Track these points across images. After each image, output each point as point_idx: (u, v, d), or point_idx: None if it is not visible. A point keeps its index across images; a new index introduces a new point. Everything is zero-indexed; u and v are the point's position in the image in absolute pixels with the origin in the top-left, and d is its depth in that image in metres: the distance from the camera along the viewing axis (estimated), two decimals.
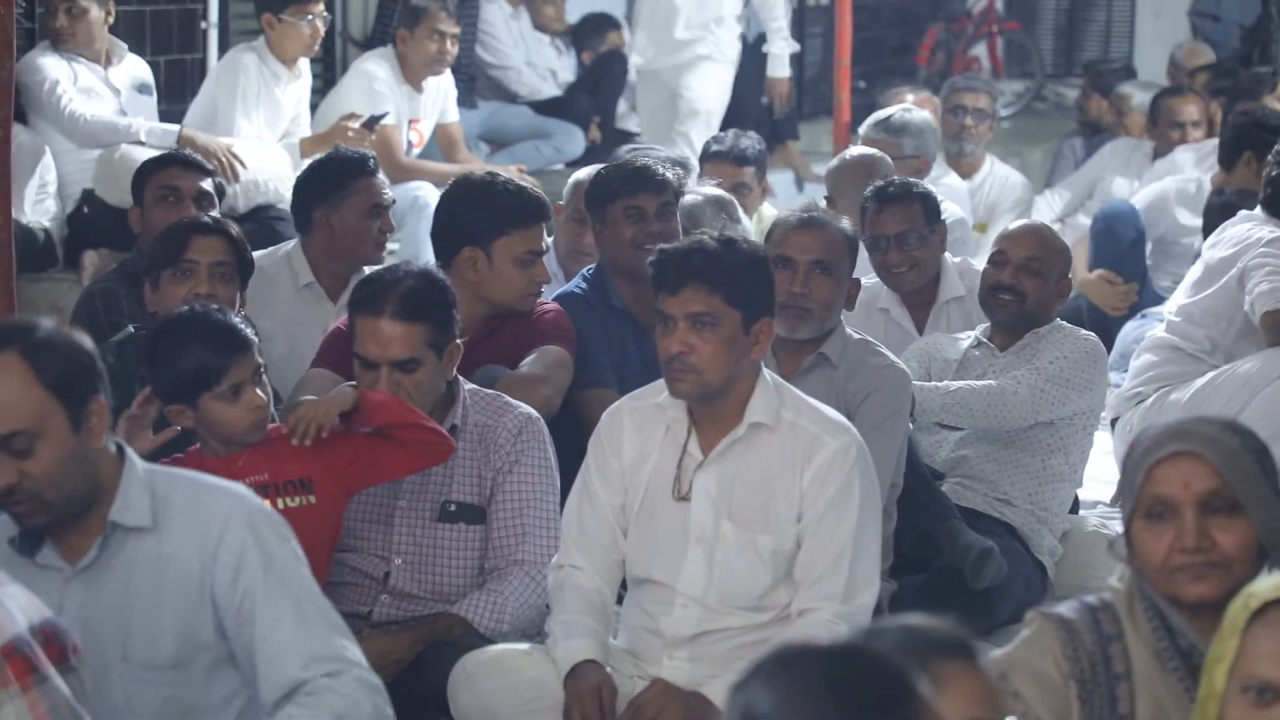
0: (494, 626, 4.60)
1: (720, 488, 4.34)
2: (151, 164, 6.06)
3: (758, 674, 2.20)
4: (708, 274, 4.25)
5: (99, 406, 3.37)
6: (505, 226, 5.27)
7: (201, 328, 4.32)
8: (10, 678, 2.85)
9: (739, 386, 4.33)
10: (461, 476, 4.70)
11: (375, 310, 4.56)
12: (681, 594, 4.36)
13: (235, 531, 3.41)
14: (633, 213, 5.61)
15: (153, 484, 3.45)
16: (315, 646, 3.41)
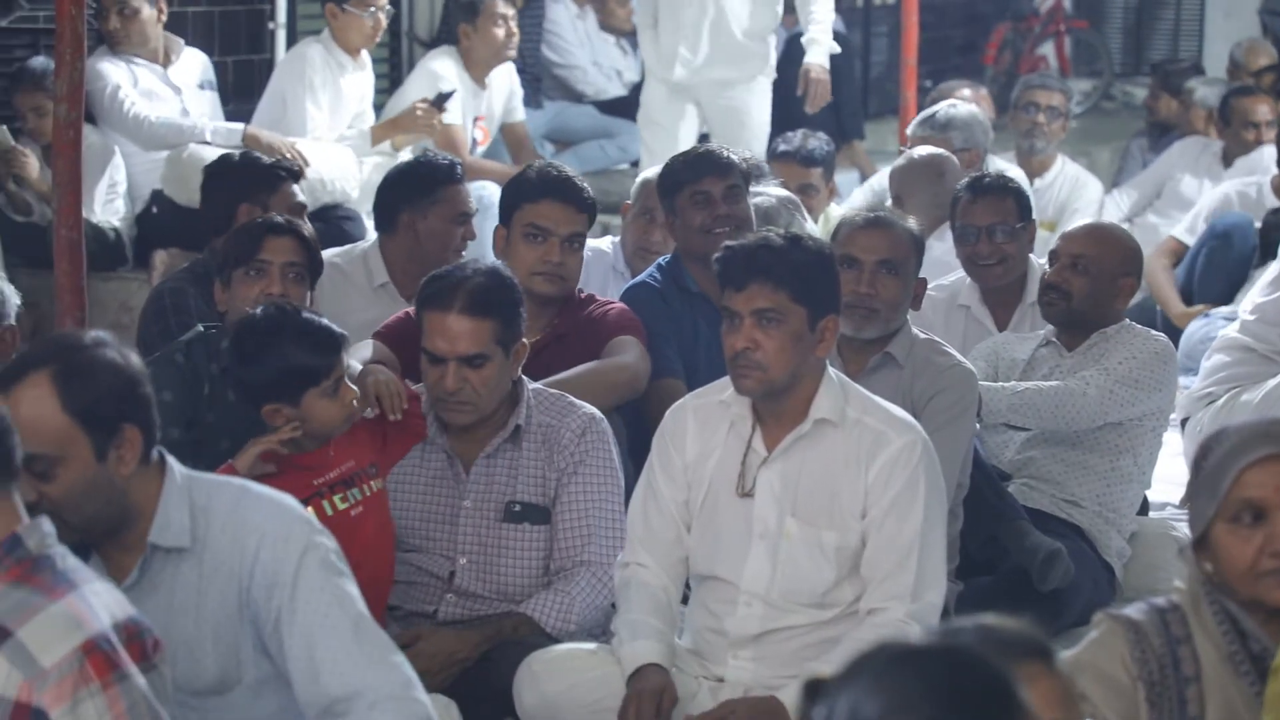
0: (561, 627, 4.60)
1: (784, 484, 4.34)
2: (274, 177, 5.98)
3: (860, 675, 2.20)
4: (773, 271, 4.25)
5: (131, 435, 3.29)
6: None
7: (301, 326, 4.33)
8: (91, 674, 2.86)
9: (804, 383, 4.33)
10: (526, 477, 4.71)
11: (444, 305, 4.58)
12: (745, 591, 4.35)
13: (270, 546, 3.33)
14: (699, 198, 5.64)
15: (193, 496, 3.38)
16: (354, 665, 3.32)
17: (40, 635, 2.83)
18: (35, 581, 2.90)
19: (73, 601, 2.90)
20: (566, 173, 5.48)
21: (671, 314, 5.62)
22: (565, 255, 5.33)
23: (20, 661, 2.81)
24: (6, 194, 7.37)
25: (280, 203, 5.75)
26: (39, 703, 2.81)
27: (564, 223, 5.33)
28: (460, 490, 4.71)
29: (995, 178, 6.20)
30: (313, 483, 4.31)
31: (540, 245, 5.32)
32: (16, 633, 2.82)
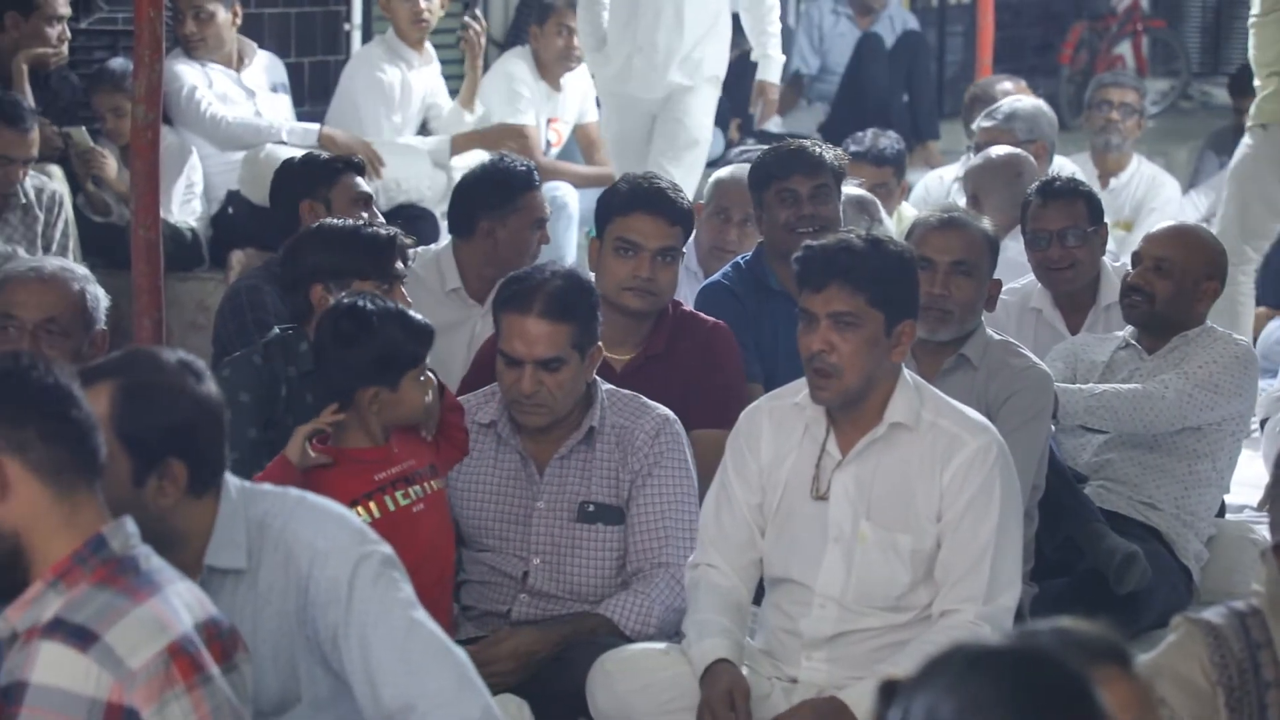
0: (640, 629, 4.60)
1: (859, 487, 4.32)
2: (335, 170, 6.00)
3: (936, 677, 2.19)
4: (853, 274, 4.23)
5: (176, 470, 3.21)
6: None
7: (398, 312, 4.34)
8: (176, 676, 2.87)
9: (879, 387, 4.31)
10: (599, 478, 4.71)
11: (522, 309, 4.58)
12: (819, 594, 4.34)
13: (322, 563, 3.30)
14: (786, 195, 5.62)
15: (249, 513, 3.33)
16: (406, 675, 3.30)
17: (127, 638, 2.85)
18: (120, 583, 2.91)
19: (157, 604, 2.91)
20: (659, 184, 5.34)
21: (747, 314, 5.60)
22: (656, 270, 5.21)
23: (109, 664, 2.83)
24: (85, 195, 7.43)
25: (341, 195, 5.78)
26: (130, 703, 2.83)
27: (655, 236, 5.22)
28: (534, 491, 4.71)
29: (1066, 181, 6.15)
30: (375, 477, 4.32)
31: (630, 259, 5.20)
32: (104, 636, 2.84)
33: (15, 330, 4.48)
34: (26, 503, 2.93)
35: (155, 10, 5.38)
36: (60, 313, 4.51)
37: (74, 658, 2.82)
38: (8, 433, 2.92)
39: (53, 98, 7.57)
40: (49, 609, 2.88)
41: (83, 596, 2.89)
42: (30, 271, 4.57)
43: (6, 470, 2.92)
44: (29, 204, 6.94)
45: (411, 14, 8.18)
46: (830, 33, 11.06)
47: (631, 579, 4.68)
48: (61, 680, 2.81)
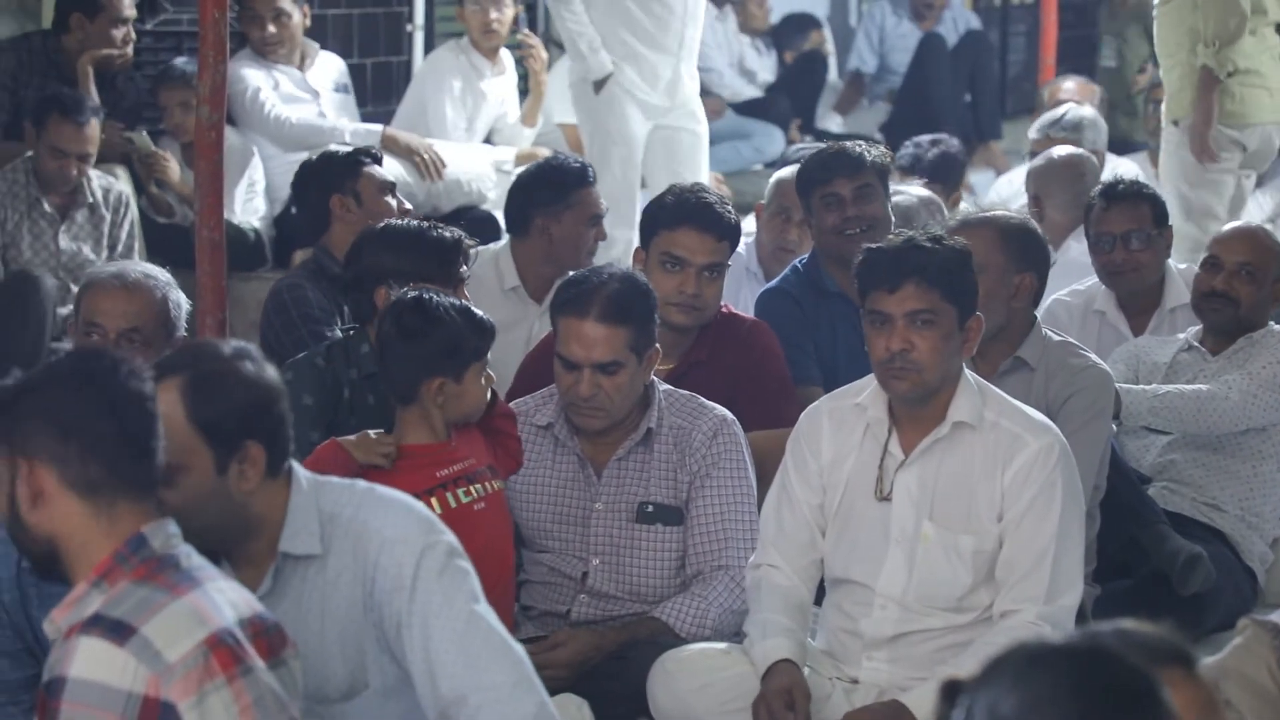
0: (695, 632, 4.59)
1: (922, 488, 4.31)
2: (356, 162, 6.09)
3: (998, 673, 2.18)
4: (926, 271, 4.24)
5: (255, 453, 3.26)
6: None
7: (461, 305, 4.35)
8: (215, 668, 2.88)
9: (946, 386, 4.32)
10: (658, 478, 4.71)
11: (580, 312, 4.58)
12: (880, 594, 4.33)
13: (390, 550, 3.32)
14: (830, 199, 5.60)
15: (320, 503, 3.37)
16: (463, 667, 3.30)
17: (164, 631, 2.86)
18: (159, 579, 2.93)
19: (196, 598, 2.92)
20: (707, 198, 5.30)
21: (807, 318, 5.58)
22: (702, 286, 5.18)
23: (146, 657, 2.84)
24: (148, 197, 7.47)
25: (368, 185, 5.84)
26: (167, 696, 2.84)
27: (701, 252, 5.19)
28: (592, 493, 4.72)
29: (1129, 184, 6.11)
30: (436, 474, 4.32)
31: (676, 275, 5.17)
32: (141, 629, 2.85)
33: (99, 338, 4.50)
34: (61, 513, 2.96)
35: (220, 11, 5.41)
36: (144, 322, 4.52)
37: (111, 651, 2.84)
38: (50, 445, 2.95)
39: (118, 99, 7.61)
40: (90, 607, 2.91)
41: (122, 593, 2.91)
42: (114, 279, 4.57)
43: (42, 481, 2.95)
44: (95, 204, 6.99)
45: (482, 24, 8.21)
46: (891, 33, 11.03)
47: (691, 581, 4.68)
48: (98, 674, 2.83)
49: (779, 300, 5.62)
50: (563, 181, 5.98)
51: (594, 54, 7.59)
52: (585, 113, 7.78)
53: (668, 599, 4.66)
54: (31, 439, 2.95)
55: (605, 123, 7.63)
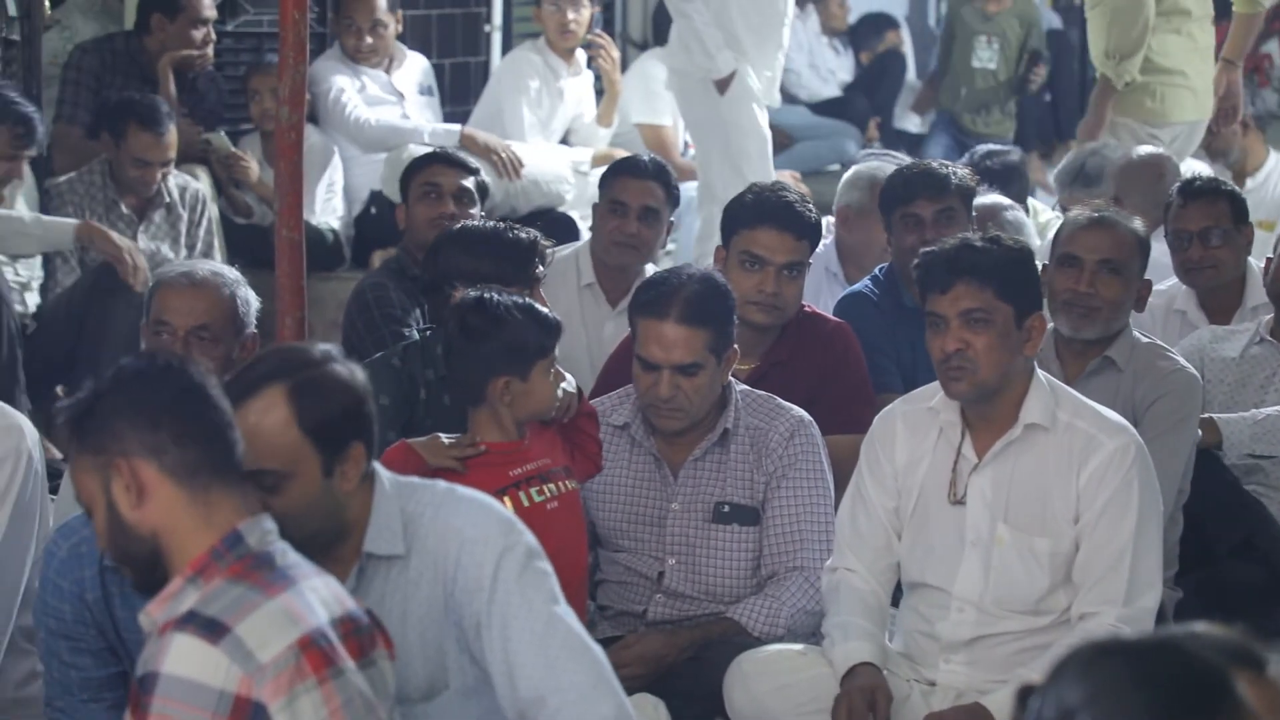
0: (768, 631, 4.59)
1: (995, 490, 4.30)
2: (416, 162, 6.16)
3: (1069, 667, 2.18)
4: (978, 270, 4.23)
5: (357, 453, 3.29)
6: None
7: (525, 305, 4.36)
8: (307, 670, 2.89)
9: (1014, 387, 4.30)
10: (734, 478, 4.70)
11: (659, 313, 4.58)
12: (957, 598, 4.33)
13: (470, 550, 3.33)
14: (910, 220, 5.60)
15: (403, 503, 3.39)
16: (542, 668, 3.31)
17: (257, 631, 2.88)
18: (253, 578, 2.94)
19: (289, 598, 2.94)
20: (788, 197, 5.28)
21: (888, 326, 5.56)
22: (781, 285, 5.16)
23: (239, 657, 2.85)
24: (227, 197, 7.52)
25: (416, 190, 5.95)
26: (259, 696, 2.85)
27: (781, 251, 5.17)
28: (668, 493, 4.72)
29: (1207, 181, 6.07)
30: (509, 474, 4.33)
31: (756, 274, 5.16)
32: (235, 629, 2.87)
33: (168, 336, 4.53)
34: (163, 504, 2.97)
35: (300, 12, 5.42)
36: (213, 319, 4.54)
37: (205, 649, 2.86)
38: (142, 436, 2.97)
39: (198, 100, 7.67)
40: (185, 602, 2.93)
41: (217, 590, 2.93)
42: (182, 277, 4.60)
43: (142, 474, 2.97)
44: (173, 203, 7.03)
45: (559, 24, 8.23)
46: None
47: (766, 582, 4.67)
48: (191, 671, 2.85)
49: (860, 305, 5.61)
50: (607, 172, 6.06)
51: (720, 52, 7.62)
52: (705, 113, 7.78)
53: (743, 599, 4.66)
54: (124, 436, 2.97)
55: (736, 119, 7.66)
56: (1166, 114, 7.67)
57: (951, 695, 4.32)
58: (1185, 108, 7.70)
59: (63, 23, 8.04)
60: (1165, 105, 7.68)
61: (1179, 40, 7.66)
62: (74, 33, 7.94)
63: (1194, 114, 7.71)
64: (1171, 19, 7.64)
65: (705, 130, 7.79)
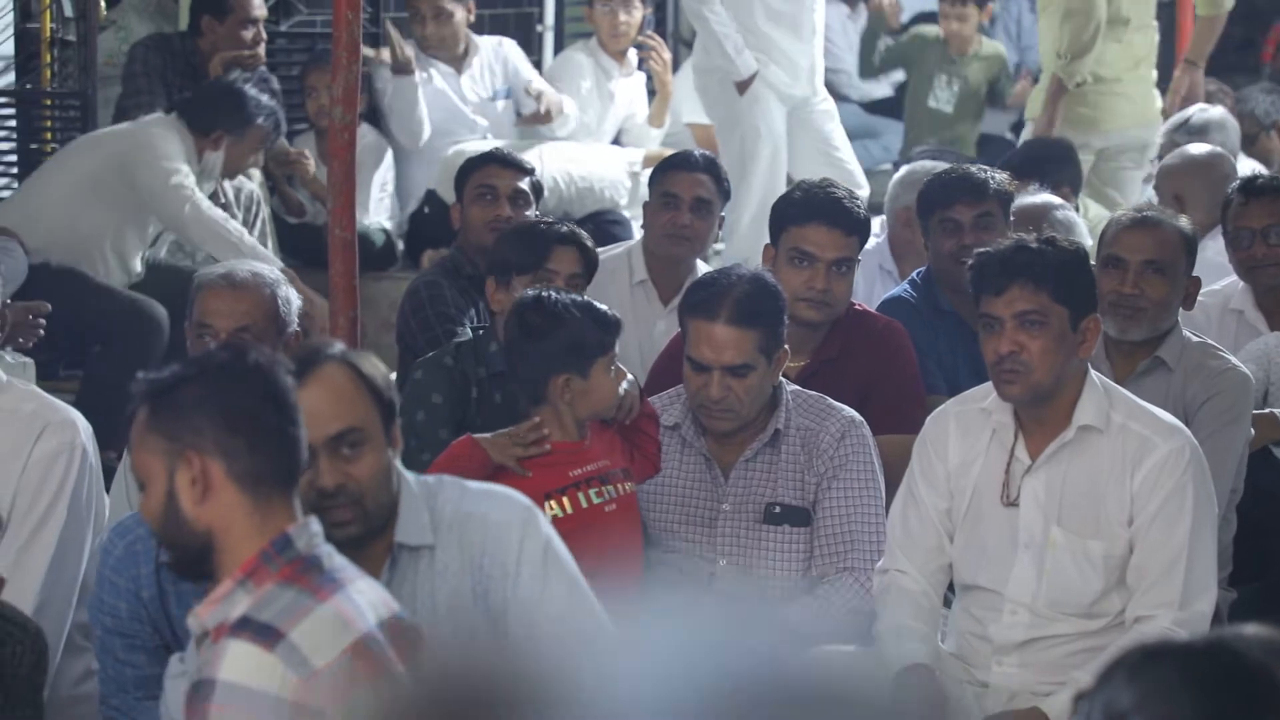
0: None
1: (1049, 493, 4.28)
2: (471, 162, 6.15)
3: (1119, 669, 2.17)
4: (1032, 271, 4.21)
5: (397, 434, 3.40)
6: None
7: (583, 303, 4.37)
8: (360, 675, 2.90)
9: (1067, 389, 4.28)
10: (785, 479, 4.69)
11: (710, 314, 4.57)
12: (1010, 600, 4.31)
13: (494, 536, 3.39)
14: (949, 225, 5.58)
15: (428, 498, 3.44)
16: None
17: (311, 636, 2.88)
18: (304, 582, 2.95)
19: (339, 602, 2.94)
20: (836, 194, 5.27)
21: (927, 329, 5.55)
22: (832, 281, 5.14)
23: (294, 662, 2.86)
24: (280, 196, 7.54)
25: (470, 192, 5.91)
26: (315, 701, 2.86)
27: (830, 247, 5.15)
28: (719, 494, 4.71)
29: (1269, 179, 6.04)
30: (570, 474, 4.33)
31: (805, 270, 5.14)
32: (289, 634, 2.87)
33: (211, 339, 4.54)
34: (224, 506, 2.97)
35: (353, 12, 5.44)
36: (254, 320, 4.55)
37: (260, 656, 2.86)
38: (220, 436, 2.96)
39: None
40: (237, 607, 2.93)
41: (268, 595, 2.93)
42: (222, 279, 4.61)
43: (211, 473, 2.96)
44: (227, 203, 7.05)
45: (611, 25, 8.23)
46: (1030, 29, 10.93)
47: (817, 584, 4.66)
48: (248, 678, 2.85)
49: (900, 308, 5.58)
50: (657, 169, 6.14)
51: (739, 54, 7.61)
52: (724, 112, 7.79)
53: (794, 600, 4.65)
54: (201, 431, 2.96)
55: (751, 121, 7.65)
56: (1099, 121, 7.82)
57: (1004, 696, 4.30)
58: (1121, 115, 7.85)
59: (118, 23, 8.08)
60: (1099, 113, 7.83)
61: (1119, 49, 7.80)
62: (129, 33, 7.98)
63: (1130, 121, 7.88)
64: (1114, 28, 7.76)
65: (724, 131, 7.83)
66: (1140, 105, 7.91)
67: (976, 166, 5.86)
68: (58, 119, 7.14)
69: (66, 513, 4.11)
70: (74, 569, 4.16)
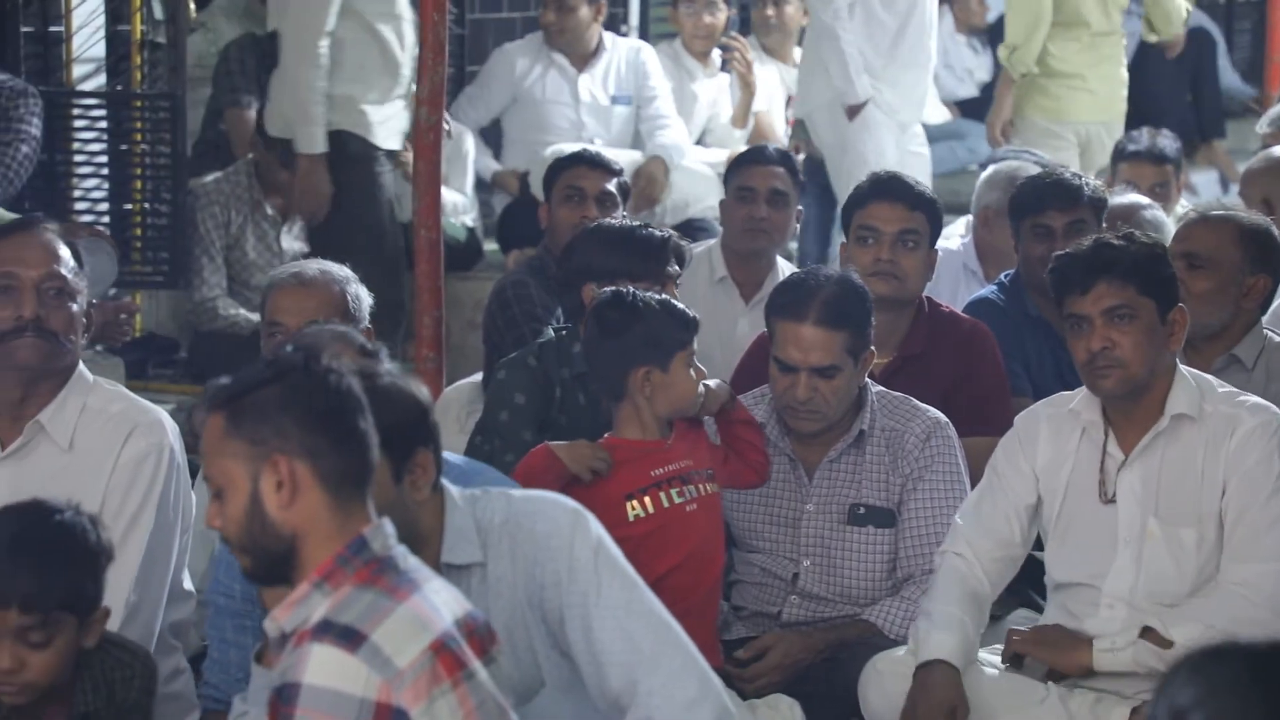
0: (904, 634, 4.56)
1: (1145, 485, 4.29)
2: (560, 163, 6.15)
3: (1183, 667, 2.17)
4: (1117, 267, 4.22)
5: (424, 460, 3.34)
6: None
7: (661, 299, 4.37)
8: (441, 673, 2.90)
9: (1160, 382, 4.29)
10: (870, 480, 4.69)
11: (798, 316, 4.57)
12: (1108, 594, 4.31)
13: (545, 545, 3.37)
14: (1040, 230, 5.56)
15: (475, 513, 3.43)
16: (628, 654, 3.33)
17: (393, 637, 2.88)
18: (382, 583, 2.95)
19: (418, 602, 2.94)
20: (897, 173, 5.42)
21: (1015, 332, 5.53)
22: (897, 253, 5.18)
23: (377, 664, 2.86)
24: None
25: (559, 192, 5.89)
26: (399, 702, 2.86)
27: (893, 221, 5.20)
28: (803, 494, 4.71)
29: None
30: (651, 473, 4.34)
31: (871, 247, 5.19)
32: (371, 636, 2.87)
33: (282, 336, 4.57)
34: (310, 508, 2.98)
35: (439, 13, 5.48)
36: (323, 317, 4.55)
37: (344, 659, 2.86)
38: (304, 437, 2.97)
39: None
40: (316, 610, 2.93)
41: (348, 597, 2.93)
42: (291, 278, 4.64)
43: (299, 475, 2.96)
44: None
45: (694, 26, 8.24)
46: None
47: (902, 585, 4.65)
48: (333, 681, 2.85)
49: (987, 310, 5.56)
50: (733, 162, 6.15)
51: (859, 78, 7.61)
52: (834, 135, 7.77)
53: (878, 601, 4.64)
54: (288, 433, 2.96)
55: (860, 148, 7.67)
56: (1062, 112, 8.19)
57: (1090, 699, 4.28)
58: (1083, 107, 8.20)
59: (207, 25, 8.14)
60: (1061, 104, 8.20)
61: (1078, 47, 8.17)
62: (218, 35, 8.04)
63: (1093, 115, 8.22)
64: (1071, 29, 8.14)
65: (833, 159, 7.85)
66: (1104, 101, 8.27)
67: (1070, 172, 5.84)
68: (147, 120, 7.19)
69: (155, 514, 4.14)
70: (163, 570, 4.19)
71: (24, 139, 6.62)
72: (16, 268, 4.14)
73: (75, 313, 4.17)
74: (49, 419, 4.17)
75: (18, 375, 4.16)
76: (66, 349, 4.17)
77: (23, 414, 4.20)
